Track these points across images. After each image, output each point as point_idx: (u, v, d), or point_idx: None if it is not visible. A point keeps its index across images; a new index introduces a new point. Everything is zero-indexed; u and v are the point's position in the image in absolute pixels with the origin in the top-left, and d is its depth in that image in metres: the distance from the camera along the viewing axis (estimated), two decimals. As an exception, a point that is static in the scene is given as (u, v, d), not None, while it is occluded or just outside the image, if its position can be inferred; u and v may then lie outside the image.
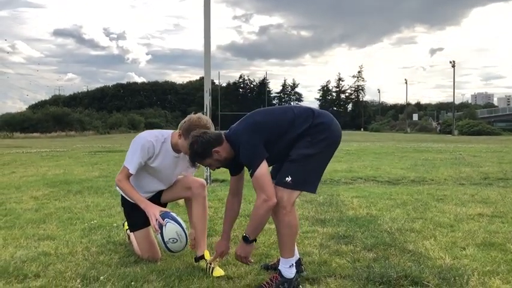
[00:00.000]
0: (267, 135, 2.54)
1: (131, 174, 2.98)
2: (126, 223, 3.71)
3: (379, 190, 6.47)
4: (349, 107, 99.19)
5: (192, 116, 2.92)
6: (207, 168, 6.34)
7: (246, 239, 2.60)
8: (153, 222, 2.87)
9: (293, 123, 2.56)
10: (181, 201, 5.14)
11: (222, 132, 2.72)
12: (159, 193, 3.25)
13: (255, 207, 2.52)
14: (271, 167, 2.84)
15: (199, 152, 2.63)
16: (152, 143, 2.93)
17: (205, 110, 6.72)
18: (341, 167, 9.95)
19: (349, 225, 4.14)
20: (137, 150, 2.91)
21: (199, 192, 3.08)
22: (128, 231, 3.58)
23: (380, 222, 4.23)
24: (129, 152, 2.96)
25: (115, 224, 4.25)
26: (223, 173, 9.31)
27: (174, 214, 2.95)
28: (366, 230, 3.94)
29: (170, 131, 3.06)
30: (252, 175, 2.50)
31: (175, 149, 3.01)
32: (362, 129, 76.28)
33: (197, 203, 3.08)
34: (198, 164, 2.77)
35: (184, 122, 2.92)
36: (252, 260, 2.82)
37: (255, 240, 2.65)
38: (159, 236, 2.87)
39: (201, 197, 3.08)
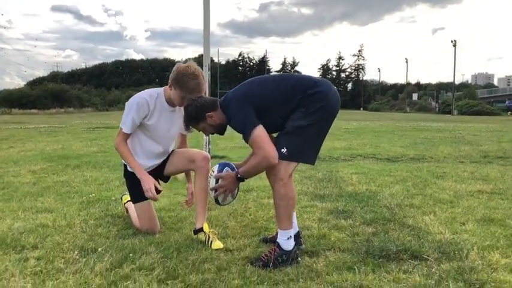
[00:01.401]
0: (258, 105, 2.50)
1: (128, 135, 2.96)
2: (124, 196, 3.70)
3: (378, 167, 6.45)
4: (349, 86, 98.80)
5: (180, 65, 2.87)
6: (206, 143, 6.30)
7: (239, 179, 2.66)
8: (149, 194, 2.88)
9: (287, 93, 2.51)
10: (181, 176, 5.14)
11: (218, 99, 2.69)
12: (162, 166, 3.23)
13: (255, 161, 2.49)
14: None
15: (193, 114, 2.64)
16: (146, 100, 2.89)
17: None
18: (340, 144, 9.93)
19: (348, 200, 4.13)
20: (132, 109, 2.87)
21: (202, 165, 3.05)
22: (126, 204, 3.57)
23: (379, 198, 4.22)
24: (124, 112, 2.92)
25: (113, 198, 4.24)
26: (223, 149, 9.34)
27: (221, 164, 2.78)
28: (365, 205, 3.93)
29: (162, 88, 3.02)
30: (247, 140, 2.49)
31: (170, 102, 2.98)
32: (361, 108, 76.12)
33: (200, 175, 3.05)
34: (192, 128, 2.75)
35: (173, 71, 2.88)
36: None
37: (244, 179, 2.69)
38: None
39: (204, 170, 3.05)
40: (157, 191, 2.98)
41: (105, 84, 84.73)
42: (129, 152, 3.00)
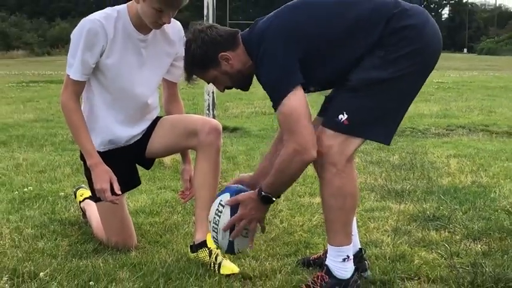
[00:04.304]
0: (307, 47, 2.50)
1: (80, 86, 2.99)
2: (80, 191, 3.78)
3: (493, 146, 6.46)
4: (445, 13, 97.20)
5: None
6: (208, 106, 6.31)
7: (265, 199, 2.61)
8: (102, 196, 2.97)
9: (358, 27, 2.50)
10: (168, 160, 5.19)
11: (238, 31, 2.70)
12: (143, 142, 3.26)
13: (281, 159, 2.51)
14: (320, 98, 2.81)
15: (198, 56, 2.64)
16: (101, 23, 2.90)
17: (205, 15, 6.64)
18: (430, 108, 9.92)
19: (442, 199, 4.13)
20: (80, 41, 2.89)
21: (210, 140, 3.05)
22: (84, 203, 3.65)
23: (494, 197, 4.23)
24: (70, 49, 2.95)
25: (62, 193, 4.33)
26: (236, 117, 9.33)
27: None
28: (471, 207, 3.93)
29: (125, 4, 3.02)
30: (275, 108, 2.49)
31: (138, 25, 2.99)
32: (465, 49, 75.19)
33: (206, 156, 3.06)
34: (195, 79, 2.78)
35: None
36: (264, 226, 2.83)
37: (277, 197, 2.68)
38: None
39: (212, 149, 3.06)
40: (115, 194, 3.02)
41: (45, 12, 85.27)
42: (81, 116, 3.01)
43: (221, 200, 2.74)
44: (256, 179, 2.84)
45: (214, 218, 2.75)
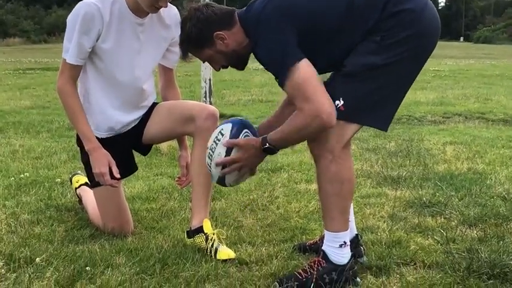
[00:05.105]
0: (303, 28, 2.48)
1: (76, 70, 2.97)
2: (76, 177, 3.77)
3: (489, 133, 6.48)
4: (441, 1, 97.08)
5: None
6: (204, 93, 6.29)
7: (269, 150, 2.56)
8: (101, 180, 2.95)
9: (353, 11, 2.47)
10: (165, 147, 5.18)
11: (235, 10, 2.67)
12: (140, 128, 3.25)
13: (298, 120, 2.42)
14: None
15: (193, 34, 2.63)
16: (97, 7, 2.87)
17: (201, 2, 6.60)
18: (426, 96, 9.93)
19: (438, 186, 4.14)
20: (76, 25, 2.86)
21: (207, 126, 3.03)
22: (80, 189, 3.65)
23: (490, 183, 4.23)
24: (66, 33, 2.93)
25: (58, 180, 4.32)
26: (232, 104, 9.36)
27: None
28: (467, 194, 3.94)
29: None
30: (283, 84, 2.45)
31: (135, 8, 2.96)
32: (462, 38, 75.36)
33: (203, 142, 3.00)
34: (192, 57, 2.76)
35: None
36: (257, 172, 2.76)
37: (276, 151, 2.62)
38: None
39: (209, 134, 3.05)
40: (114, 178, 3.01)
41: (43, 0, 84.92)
42: (78, 101, 3.00)
43: (222, 129, 2.69)
44: (262, 133, 2.74)
45: (212, 145, 2.70)
